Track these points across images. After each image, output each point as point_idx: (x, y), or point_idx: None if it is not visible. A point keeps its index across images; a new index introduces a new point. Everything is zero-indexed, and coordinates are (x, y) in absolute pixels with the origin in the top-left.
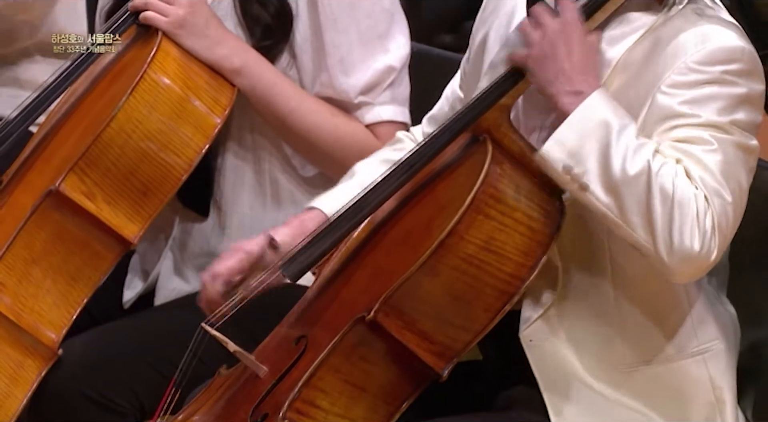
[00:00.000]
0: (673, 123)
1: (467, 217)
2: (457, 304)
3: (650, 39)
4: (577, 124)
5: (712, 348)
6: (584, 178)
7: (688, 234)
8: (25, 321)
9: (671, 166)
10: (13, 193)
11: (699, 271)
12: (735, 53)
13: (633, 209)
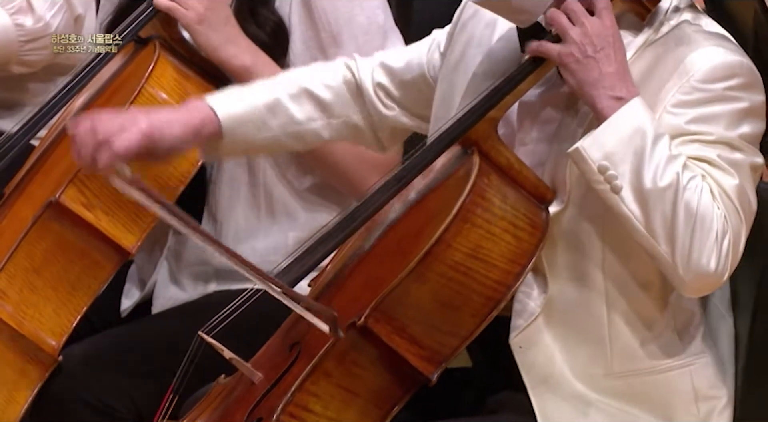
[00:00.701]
0: (685, 139)
1: (454, 226)
2: (445, 310)
3: (649, 56)
4: (616, 127)
5: (698, 361)
6: (618, 180)
7: (707, 253)
8: (27, 329)
9: (698, 181)
10: (15, 204)
11: (710, 288)
12: (734, 68)
13: (658, 220)
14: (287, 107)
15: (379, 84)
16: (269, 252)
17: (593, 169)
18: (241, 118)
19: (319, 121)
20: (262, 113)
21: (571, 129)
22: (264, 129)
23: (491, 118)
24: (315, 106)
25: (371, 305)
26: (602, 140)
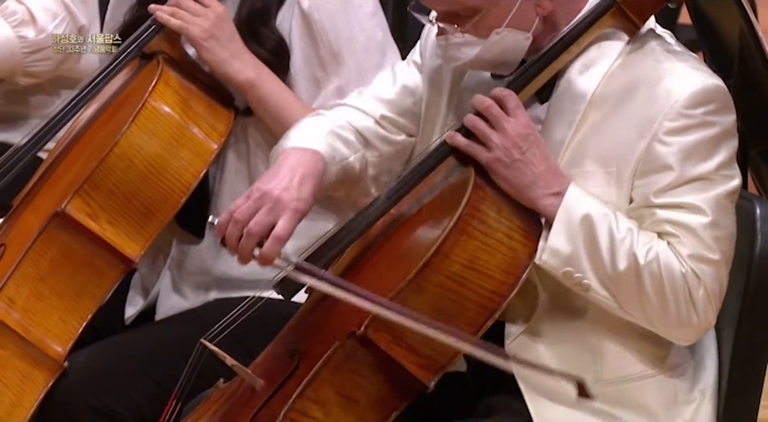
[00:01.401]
0: (669, 180)
1: (452, 238)
2: (443, 319)
3: (626, 75)
4: (563, 228)
5: (683, 365)
6: (584, 280)
7: (684, 313)
8: (33, 335)
9: (655, 249)
10: (22, 215)
11: (701, 333)
12: (711, 93)
13: (629, 302)
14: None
15: (382, 116)
16: None
17: (560, 276)
18: (328, 152)
19: (353, 155)
20: (331, 148)
21: (554, 140)
22: (335, 162)
23: None
24: (344, 144)
25: (371, 315)
26: (557, 247)
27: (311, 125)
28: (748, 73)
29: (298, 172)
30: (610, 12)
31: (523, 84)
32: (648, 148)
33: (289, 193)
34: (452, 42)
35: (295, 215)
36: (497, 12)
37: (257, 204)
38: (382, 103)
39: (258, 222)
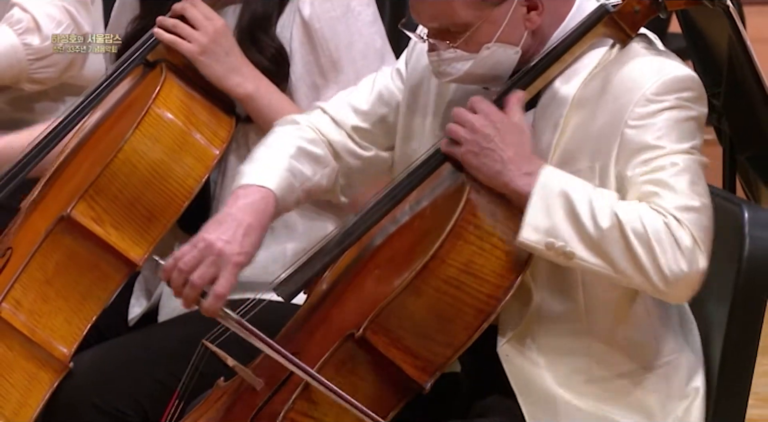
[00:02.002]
0: (645, 156)
1: (448, 242)
2: (439, 322)
3: (604, 73)
4: (540, 202)
5: (674, 360)
6: (567, 248)
7: (674, 260)
8: (39, 337)
9: (634, 207)
10: (29, 218)
11: (695, 285)
12: (686, 82)
13: (620, 259)
14: (299, 168)
15: (354, 127)
16: (268, 263)
17: (543, 250)
18: (282, 187)
19: (319, 173)
20: (289, 177)
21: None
22: (293, 191)
23: None
24: (312, 162)
25: (369, 317)
26: (535, 223)
27: (270, 155)
28: (736, 81)
29: (244, 222)
30: (603, 21)
31: (522, 88)
32: (621, 136)
33: (231, 246)
34: (444, 58)
35: (236, 269)
36: (487, 28)
37: (201, 255)
38: (357, 113)
39: (200, 276)
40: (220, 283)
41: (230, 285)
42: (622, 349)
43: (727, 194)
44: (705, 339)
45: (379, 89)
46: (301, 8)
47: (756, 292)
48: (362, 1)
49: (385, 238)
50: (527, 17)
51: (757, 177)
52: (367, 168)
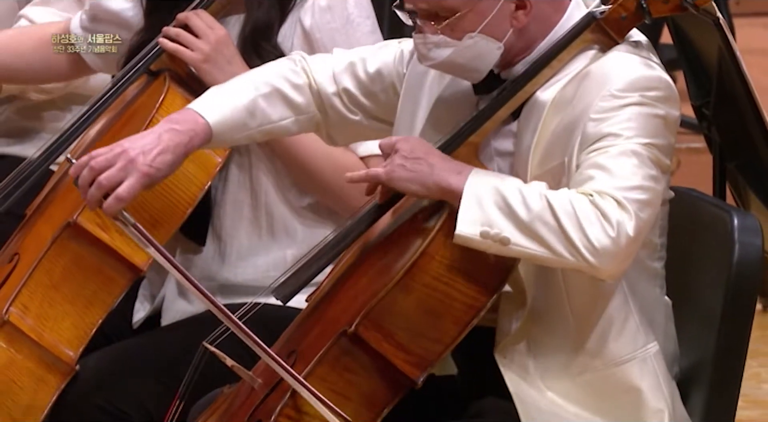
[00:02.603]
0: (597, 144)
1: (437, 240)
2: (430, 318)
3: (580, 76)
4: (472, 196)
5: (654, 346)
6: (502, 234)
7: (601, 231)
8: (46, 340)
9: (563, 192)
10: (36, 225)
11: (626, 256)
12: (653, 81)
13: (552, 240)
14: (263, 108)
15: (345, 90)
16: (269, 268)
17: (479, 240)
18: (228, 123)
19: (289, 118)
20: (243, 115)
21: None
22: (244, 129)
23: (472, 142)
24: (286, 106)
25: (361, 314)
26: (468, 215)
27: (237, 88)
28: (725, 90)
29: (164, 142)
30: (590, 28)
31: (508, 97)
32: (583, 129)
33: (145, 157)
34: (428, 40)
35: (143, 179)
36: (473, 17)
37: (114, 159)
38: (353, 78)
39: (108, 177)
40: (124, 187)
41: (133, 191)
42: (609, 337)
43: (717, 201)
44: (696, 342)
45: (379, 66)
46: (302, 19)
47: (745, 296)
48: (361, 12)
49: (380, 240)
50: (514, 15)
51: (746, 184)
52: (349, 129)
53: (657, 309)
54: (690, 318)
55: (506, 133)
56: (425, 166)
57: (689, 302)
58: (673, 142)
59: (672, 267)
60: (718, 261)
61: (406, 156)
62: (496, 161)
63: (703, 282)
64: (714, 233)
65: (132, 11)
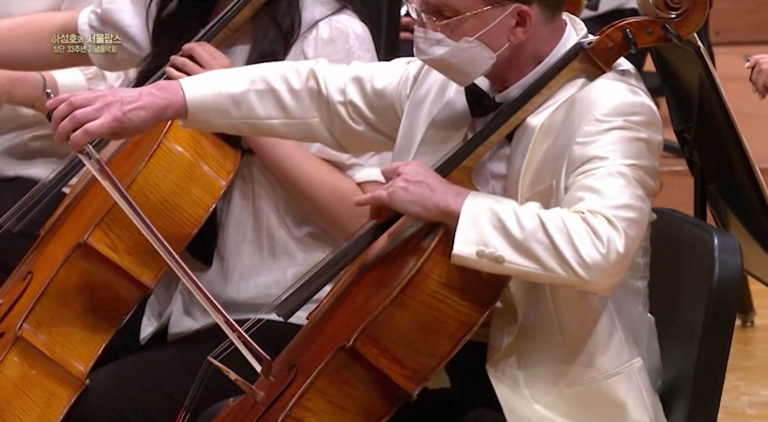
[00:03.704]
0: (584, 167)
1: (432, 258)
2: (425, 334)
3: (568, 102)
4: (469, 217)
5: (637, 361)
6: (497, 252)
7: (592, 247)
8: (58, 356)
9: (556, 211)
10: (48, 244)
11: (617, 271)
12: (636, 107)
13: (545, 257)
14: (251, 102)
15: (351, 102)
16: (270, 287)
17: (475, 259)
18: (206, 104)
19: (277, 119)
20: (227, 103)
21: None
22: (225, 116)
23: (465, 166)
24: (276, 106)
25: (359, 329)
26: (465, 235)
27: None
28: (706, 116)
29: (141, 99)
30: (578, 58)
31: (499, 123)
32: (570, 152)
33: (121, 107)
34: (428, 36)
35: (113, 123)
36: (474, 22)
37: (93, 99)
38: (359, 91)
39: (84, 113)
40: (95, 123)
41: (102, 130)
42: (595, 354)
43: (699, 222)
44: (678, 357)
45: (385, 84)
46: (305, 50)
47: (725, 313)
48: (362, 46)
49: (378, 259)
50: (513, 31)
51: (726, 205)
52: (355, 138)
53: (641, 325)
54: (672, 334)
55: (501, 156)
56: (426, 189)
57: (672, 318)
58: (656, 164)
59: (655, 285)
60: (699, 280)
61: (408, 179)
62: (491, 183)
63: (684, 299)
64: (695, 252)
65: (137, 29)
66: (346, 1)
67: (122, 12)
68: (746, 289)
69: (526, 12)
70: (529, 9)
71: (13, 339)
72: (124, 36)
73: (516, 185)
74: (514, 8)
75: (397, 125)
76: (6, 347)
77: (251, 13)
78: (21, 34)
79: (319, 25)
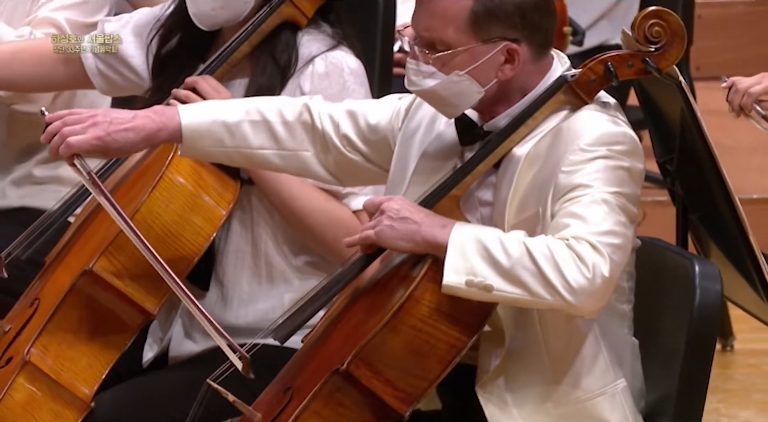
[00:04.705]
0: (570, 195)
1: (422, 285)
2: (416, 357)
3: (553, 132)
4: (456, 248)
5: (622, 382)
6: (486, 281)
7: (578, 272)
8: (64, 379)
9: (541, 238)
10: (55, 271)
11: (602, 295)
12: (618, 137)
13: (533, 283)
14: (245, 132)
15: (345, 135)
16: (268, 312)
17: (464, 289)
18: (201, 131)
19: (270, 150)
20: (222, 131)
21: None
22: (219, 144)
23: (454, 195)
24: (269, 137)
25: (353, 353)
26: (453, 265)
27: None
28: (688, 148)
29: (134, 122)
30: (562, 90)
31: (486, 154)
32: (555, 180)
33: (109, 126)
34: (420, 68)
35: (95, 141)
36: (465, 57)
37: (85, 118)
38: (353, 125)
39: (71, 130)
40: (76, 137)
41: (81, 145)
42: (581, 375)
43: (680, 249)
44: (661, 379)
45: (378, 119)
46: (302, 85)
47: (706, 337)
48: (356, 80)
49: (370, 285)
50: (501, 67)
51: (707, 234)
52: (350, 168)
53: (625, 348)
54: (655, 357)
55: (488, 184)
56: (412, 224)
57: (654, 342)
58: (638, 191)
59: (639, 310)
60: (680, 305)
61: (393, 217)
62: (480, 210)
63: (667, 323)
64: (677, 279)
65: (139, 60)
66: (341, 38)
67: (126, 43)
68: (726, 315)
69: (515, 50)
70: (518, 47)
71: (21, 363)
72: (126, 66)
73: (503, 212)
74: (504, 46)
75: (390, 157)
76: (14, 371)
77: (250, 49)
78: (24, 58)
79: (315, 60)
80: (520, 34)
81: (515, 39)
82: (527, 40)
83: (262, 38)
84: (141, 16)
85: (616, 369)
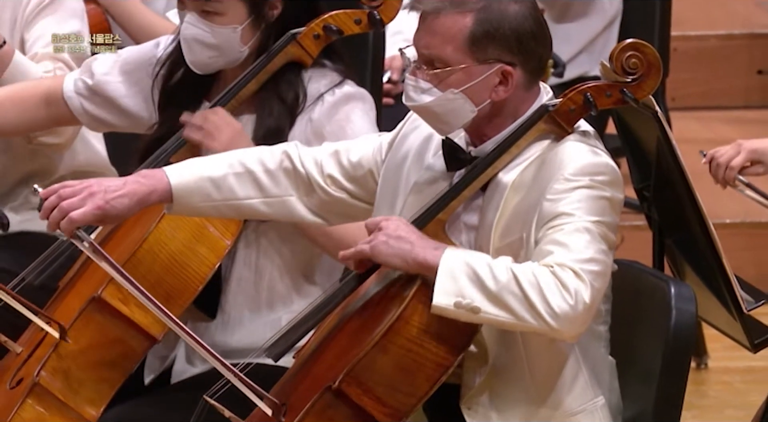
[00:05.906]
0: (553, 222)
1: (411, 306)
2: (404, 375)
3: (537, 161)
4: (446, 271)
5: (600, 400)
6: (473, 304)
7: (561, 299)
8: (72, 401)
9: (527, 264)
10: (66, 297)
11: (584, 320)
12: (600, 167)
13: (518, 308)
14: (231, 184)
15: (329, 175)
16: (266, 331)
17: (453, 310)
18: (189, 188)
19: (256, 199)
20: (208, 186)
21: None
22: (207, 199)
23: (439, 219)
24: (254, 186)
25: (344, 371)
26: (443, 287)
27: (216, 162)
28: (663, 175)
29: (125, 188)
30: (543, 119)
31: (472, 179)
32: (539, 208)
33: (105, 195)
34: (418, 84)
35: (96, 211)
36: (461, 75)
37: (79, 191)
38: (337, 165)
39: (69, 203)
40: (77, 211)
41: (85, 217)
42: (562, 393)
43: (657, 272)
44: (638, 396)
45: (360, 155)
46: (312, 118)
47: (681, 356)
48: (364, 107)
49: (360, 305)
50: (495, 88)
51: (682, 257)
52: (337, 207)
53: (603, 367)
54: (632, 375)
55: (474, 207)
56: (406, 243)
57: (632, 361)
58: (617, 220)
59: (616, 330)
60: (657, 325)
61: (389, 234)
62: (465, 234)
63: (643, 343)
64: (653, 300)
65: (130, 99)
66: (345, 74)
67: (116, 83)
68: (701, 334)
69: (509, 72)
70: (512, 70)
71: (31, 384)
72: (115, 106)
73: (488, 236)
74: (499, 67)
75: (374, 191)
76: (24, 392)
77: (257, 86)
78: (8, 106)
79: (325, 96)
80: (515, 58)
81: (510, 62)
82: (521, 65)
83: (269, 77)
84: (128, 55)
85: (595, 387)
